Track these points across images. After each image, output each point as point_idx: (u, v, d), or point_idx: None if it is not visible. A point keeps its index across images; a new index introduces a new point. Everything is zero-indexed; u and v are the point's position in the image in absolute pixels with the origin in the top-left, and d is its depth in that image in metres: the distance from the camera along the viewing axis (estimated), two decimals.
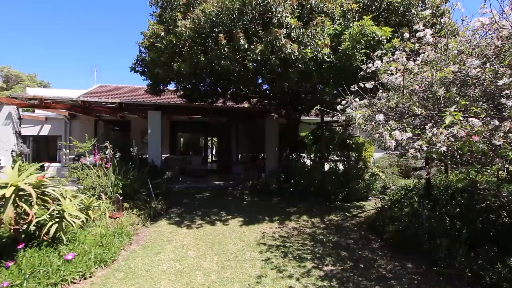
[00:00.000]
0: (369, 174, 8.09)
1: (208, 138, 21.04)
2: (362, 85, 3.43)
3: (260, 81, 7.90)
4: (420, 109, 2.45)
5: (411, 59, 3.11)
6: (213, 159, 20.43)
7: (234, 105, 10.14)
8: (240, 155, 14.05)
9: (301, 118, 10.84)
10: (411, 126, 2.64)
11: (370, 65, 3.46)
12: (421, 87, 2.80)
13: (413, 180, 5.76)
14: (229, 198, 7.33)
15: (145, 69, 7.58)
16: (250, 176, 9.75)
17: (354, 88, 3.48)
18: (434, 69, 2.84)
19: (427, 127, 2.26)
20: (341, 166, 7.93)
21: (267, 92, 8.59)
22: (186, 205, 6.56)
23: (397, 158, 11.41)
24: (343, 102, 3.52)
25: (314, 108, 3.37)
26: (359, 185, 7.25)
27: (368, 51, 4.41)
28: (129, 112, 10.97)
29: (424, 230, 3.65)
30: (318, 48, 4.49)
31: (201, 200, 7.12)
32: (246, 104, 10.53)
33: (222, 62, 4.98)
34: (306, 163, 8.38)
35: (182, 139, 15.93)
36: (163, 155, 11.60)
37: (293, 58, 4.50)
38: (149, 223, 5.11)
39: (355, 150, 9.71)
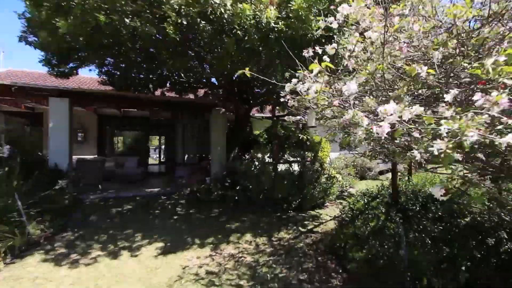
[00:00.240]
0: (326, 176, 7.21)
1: (153, 137, 18.75)
2: (320, 51, 2.25)
3: (208, 71, 6.50)
4: (424, 68, 1.30)
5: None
6: (162, 160, 18.26)
7: (174, 96, 8.51)
8: (187, 156, 12.36)
9: (255, 114, 9.68)
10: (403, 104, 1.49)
11: (331, 19, 2.29)
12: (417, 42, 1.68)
13: (377, 185, 4.90)
14: (157, 211, 5.72)
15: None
16: (193, 181, 8.22)
17: (307, 53, 2.27)
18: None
19: (447, 97, 1.10)
20: (297, 168, 6.90)
21: (211, 79, 7.19)
22: (90, 225, 4.78)
23: (354, 157, 10.92)
24: (294, 80, 2.30)
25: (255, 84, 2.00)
26: (315, 189, 6.26)
27: (326, 19, 3.31)
28: (35, 101, 8.53)
29: (404, 258, 2.62)
30: (261, 6, 3.24)
31: (118, 216, 5.38)
32: (192, 96, 8.99)
33: (127, 20, 3.42)
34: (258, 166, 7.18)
35: (117, 138, 13.55)
36: (85, 157, 9.37)
37: (227, 17, 3.17)
38: (5, 262, 3.30)
39: (311, 150, 8.83)
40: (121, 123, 11.71)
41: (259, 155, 6.62)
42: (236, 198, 5.94)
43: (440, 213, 3.27)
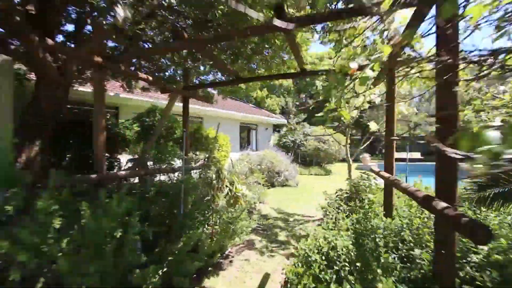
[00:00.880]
0: (227, 193, 4.12)
1: None
2: None
3: None
4: None
5: None
6: None
7: None
8: None
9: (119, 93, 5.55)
10: None
11: None
12: None
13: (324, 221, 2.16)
14: None
15: None
16: None
17: None
18: None
19: None
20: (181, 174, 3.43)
21: None
22: None
23: (259, 159, 8.44)
24: None
25: None
26: (209, 222, 3.00)
27: None
28: None
29: None
30: None
31: None
32: None
33: None
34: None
35: None
36: None
37: None
38: None
39: (202, 149, 5.66)
40: None
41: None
42: None
43: None
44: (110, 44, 4.12)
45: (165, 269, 2.32)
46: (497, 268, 1.56)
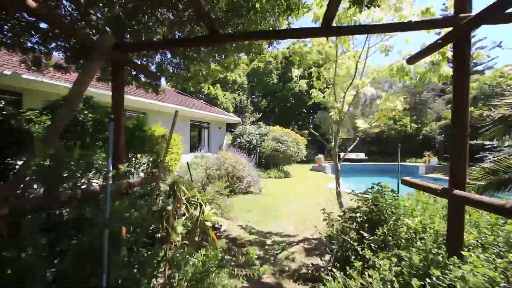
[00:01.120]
0: (186, 217, 2.76)
1: None
2: None
3: None
4: None
5: None
6: None
7: None
8: None
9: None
10: None
11: None
12: None
13: None
14: None
15: None
16: None
17: None
18: None
19: None
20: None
21: None
22: None
23: (217, 161, 7.10)
24: None
25: None
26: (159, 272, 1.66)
27: None
28: None
29: None
30: None
31: None
32: None
33: None
34: None
35: None
36: None
37: None
38: None
39: (146, 151, 4.20)
40: None
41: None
42: None
43: None
44: None
45: None
46: None
